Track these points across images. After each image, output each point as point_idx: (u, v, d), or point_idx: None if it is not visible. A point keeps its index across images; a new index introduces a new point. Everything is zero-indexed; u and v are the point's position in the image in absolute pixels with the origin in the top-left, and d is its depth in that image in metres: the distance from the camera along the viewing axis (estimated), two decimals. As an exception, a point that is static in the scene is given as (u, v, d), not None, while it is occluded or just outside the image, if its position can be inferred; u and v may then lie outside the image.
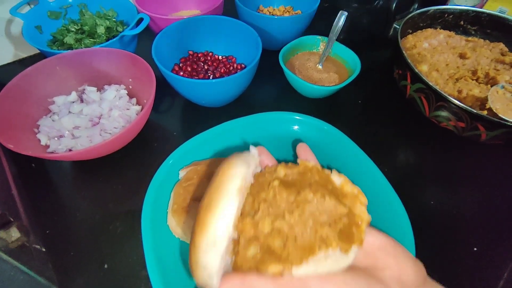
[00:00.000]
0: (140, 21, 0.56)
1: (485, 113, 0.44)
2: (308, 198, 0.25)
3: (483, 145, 0.47)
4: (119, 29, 0.60)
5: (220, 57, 0.59)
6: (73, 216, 0.41)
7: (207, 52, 0.59)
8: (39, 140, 0.44)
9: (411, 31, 0.60)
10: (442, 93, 0.43)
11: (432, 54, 0.55)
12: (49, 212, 0.41)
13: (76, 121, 0.46)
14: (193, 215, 0.35)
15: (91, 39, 0.58)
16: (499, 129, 0.42)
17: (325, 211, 0.24)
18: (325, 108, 0.56)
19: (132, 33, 0.53)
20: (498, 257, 0.40)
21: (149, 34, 0.59)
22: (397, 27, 0.55)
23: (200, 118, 0.53)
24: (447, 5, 0.62)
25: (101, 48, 0.50)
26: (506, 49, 0.57)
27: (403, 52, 0.49)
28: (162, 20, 0.57)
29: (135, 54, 0.48)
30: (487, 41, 0.59)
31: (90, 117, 0.47)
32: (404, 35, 0.59)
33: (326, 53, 0.57)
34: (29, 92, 0.46)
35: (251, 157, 0.28)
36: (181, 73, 0.54)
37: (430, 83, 0.45)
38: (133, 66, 0.49)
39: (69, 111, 0.47)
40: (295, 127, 0.46)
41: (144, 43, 0.61)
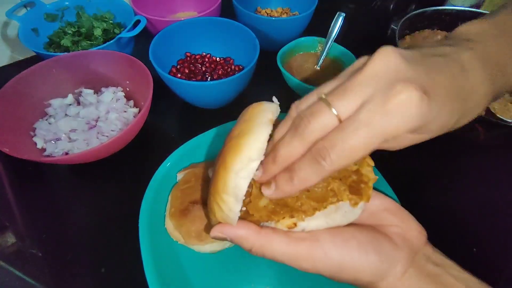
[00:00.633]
0: (137, 23, 0.55)
1: (483, 113, 0.44)
2: None
3: (481, 145, 0.47)
4: (116, 31, 0.60)
5: (218, 59, 0.59)
6: (69, 220, 0.41)
7: (204, 53, 0.59)
8: (35, 143, 0.44)
9: (408, 32, 0.60)
10: (440, 93, 0.43)
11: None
12: (45, 216, 0.41)
13: (73, 124, 0.45)
14: (191, 218, 0.35)
15: (88, 41, 0.58)
16: (498, 129, 0.42)
17: None
18: (323, 109, 0.56)
19: (129, 35, 0.53)
20: (498, 258, 0.39)
21: (147, 36, 0.58)
22: (395, 27, 0.55)
23: (198, 120, 0.53)
24: (444, 5, 0.62)
25: (98, 50, 0.49)
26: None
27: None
28: (159, 22, 0.56)
29: (132, 56, 0.48)
30: (484, 41, 0.60)
31: (87, 120, 0.46)
32: (401, 36, 0.59)
33: (324, 54, 0.57)
34: (25, 95, 0.46)
35: (275, 104, 0.28)
36: (179, 75, 0.54)
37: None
38: (130, 68, 0.49)
39: (65, 114, 0.47)
40: (293, 128, 0.46)
41: (141, 45, 0.61)
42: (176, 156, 0.41)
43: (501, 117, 0.43)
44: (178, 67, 0.56)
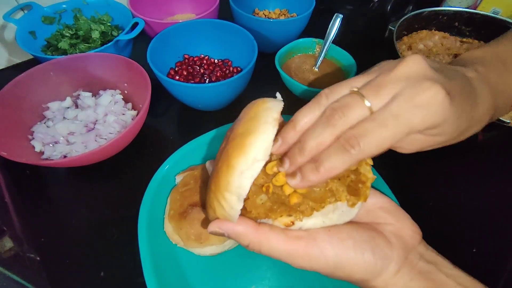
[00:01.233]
0: (135, 25, 0.55)
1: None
2: None
3: (480, 145, 0.47)
4: (114, 33, 0.60)
5: (216, 61, 0.59)
6: (68, 223, 0.40)
7: (202, 55, 0.59)
8: (33, 146, 0.44)
9: (406, 32, 0.61)
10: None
11: (428, 55, 0.55)
12: (43, 220, 0.41)
13: (71, 127, 0.45)
14: (190, 220, 0.35)
15: (85, 44, 0.58)
16: (496, 130, 0.42)
17: None
18: (322, 110, 0.56)
19: (127, 37, 0.53)
20: (498, 258, 0.39)
21: (145, 39, 0.58)
22: (392, 29, 0.55)
23: (196, 122, 0.53)
24: (441, 6, 0.62)
25: (96, 53, 0.49)
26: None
27: (399, 54, 0.49)
28: (157, 24, 0.56)
29: (130, 58, 0.48)
30: (481, 42, 0.60)
31: (85, 123, 0.46)
32: (399, 37, 0.59)
33: (322, 55, 0.57)
34: (23, 98, 0.45)
35: (279, 101, 0.28)
36: (177, 77, 0.54)
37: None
38: (128, 70, 0.48)
39: (63, 117, 0.47)
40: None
41: (139, 47, 0.61)
42: (175, 158, 0.41)
43: (499, 118, 0.43)
44: (177, 69, 0.56)
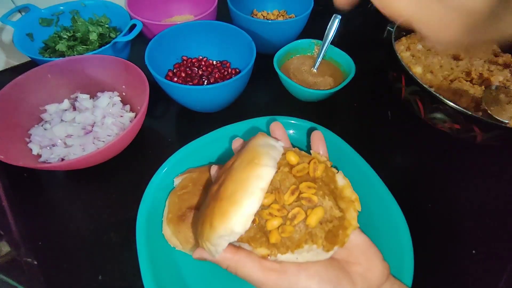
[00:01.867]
0: (133, 27, 0.55)
1: (480, 114, 0.44)
2: (311, 196, 0.26)
3: (479, 146, 0.47)
4: (112, 35, 0.60)
5: (214, 62, 0.59)
6: (66, 227, 0.40)
7: (201, 57, 0.59)
8: (31, 149, 0.43)
9: (404, 33, 0.60)
10: (437, 95, 0.43)
11: (426, 56, 0.55)
12: (41, 223, 0.40)
13: (69, 129, 0.45)
14: (188, 224, 0.34)
15: (83, 46, 0.57)
16: (495, 130, 0.42)
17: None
18: (320, 111, 0.56)
19: (125, 39, 0.53)
20: (497, 260, 0.39)
21: (143, 40, 0.58)
22: (391, 29, 0.55)
23: (195, 124, 0.53)
24: (439, 7, 0.62)
25: (94, 55, 0.49)
26: (498, 50, 0.58)
27: (397, 55, 0.49)
28: (155, 26, 0.56)
29: (128, 60, 0.48)
30: (480, 42, 0.60)
31: (83, 125, 0.46)
32: (398, 38, 0.59)
33: (321, 56, 0.57)
34: (20, 101, 0.45)
35: (277, 152, 0.28)
36: (175, 79, 0.54)
37: (424, 85, 0.45)
38: (126, 72, 0.48)
39: (61, 119, 0.46)
40: (290, 131, 0.45)
41: (137, 49, 0.60)
42: (173, 161, 0.40)
43: (498, 118, 0.43)
44: (175, 71, 0.56)
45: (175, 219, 0.35)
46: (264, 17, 0.68)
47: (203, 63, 0.58)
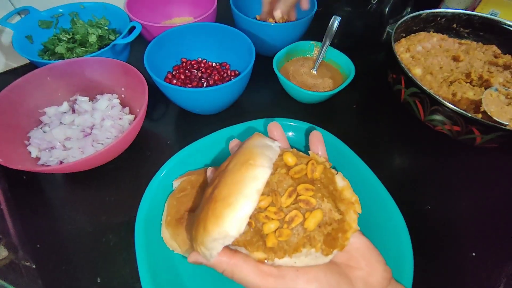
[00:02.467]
0: (133, 29, 0.55)
1: (479, 116, 0.43)
2: (309, 198, 0.25)
3: (478, 148, 0.47)
4: (111, 37, 0.60)
5: (214, 64, 0.59)
6: (64, 229, 0.40)
7: (200, 59, 0.59)
8: (30, 152, 0.43)
9: (404, 34, 0.60)
10: (437, 97, 0.43)
11: (426, 57, 0.55)
12: (39, 226, 0.40)
13: (68, 132, 0.45)
14: (187, 227, 0.34)
15: (83, 48, 0.57)
16: (494, 132, 0.42)
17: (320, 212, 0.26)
18: (320, 113, 0.56)
19: (124, 41, 0.53)
20: (496, 262, 0.39)
21: (142, 42, 0.58)
22: (391, 31, 0.55)
23: (194, 126, 0.53)
24: (439, 8, 0.62)
25: (93, 57, 0.49)
26: (498, 51, 0.57)
27: (397, 56, 0.49)
28: (154, 28, 0.56)
29: (127, 62, 0.48)
30: (480, 43, 0.60)
31: (82, 128, 0.46)
32: (397, 39, 0.59)
33: (320, 58, 0.57)
34: (19, 103, 0.45)
35: (274, 152, 0.28)
36: (174, 81, 0.54)
37: (424, 88, 0.44)
38: (125, 75, 0.48)
39: (60, 122, 0.46)
40: (289, 133, 0.45)
41: (136, 51, 0.61)
42: (172, 163, 0.40)
43: (497, 120, 0.42)
44: (174, 73, 0.56)
45: (173, 222, 0.35)
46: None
47: (202, 65, 0.58)
